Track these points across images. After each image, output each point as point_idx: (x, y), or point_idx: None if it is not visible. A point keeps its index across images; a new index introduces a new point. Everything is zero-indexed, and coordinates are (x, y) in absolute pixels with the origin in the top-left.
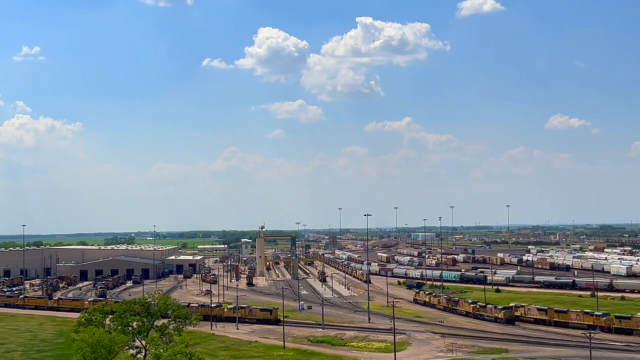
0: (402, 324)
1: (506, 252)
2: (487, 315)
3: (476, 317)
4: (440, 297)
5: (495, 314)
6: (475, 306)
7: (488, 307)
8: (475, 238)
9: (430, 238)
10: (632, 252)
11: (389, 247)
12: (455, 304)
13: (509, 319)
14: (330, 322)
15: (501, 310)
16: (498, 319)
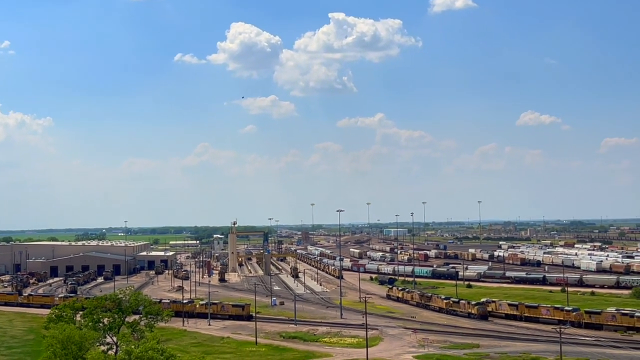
0: (374, 320)
1: (478, 248)
2: (460, 311)
3: (449, 312)
4: (414, 293)
5: (469, 310)
6: (449, 302)
7: (461, 303)
8: (447, 234)
9: (403, 234)
10: (602, 247)
11: (362, 242)
12: (429, 300)
13: (482, 314)
14: (302, 318)
15: (474, 305)
16: (471, 315)
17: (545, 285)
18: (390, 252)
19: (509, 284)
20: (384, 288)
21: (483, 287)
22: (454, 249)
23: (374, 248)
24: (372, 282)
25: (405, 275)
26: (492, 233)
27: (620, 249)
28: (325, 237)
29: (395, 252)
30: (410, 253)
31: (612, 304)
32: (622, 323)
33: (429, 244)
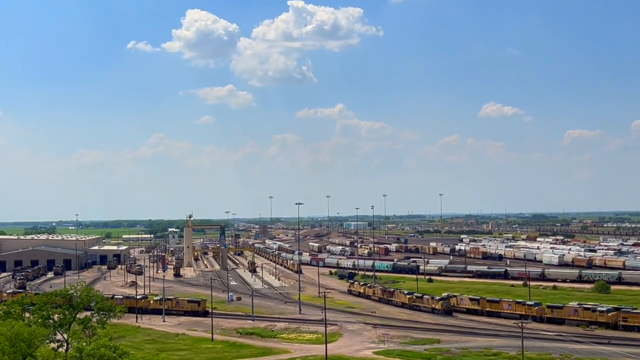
0: (333, 315)
1: (439, 242)
2: (423, 306)
3: (412, 308)
4: (375, 288)
5: (432, 305)
6: (412, 297)
7: (425, 298)
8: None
9: (363, 227)
10: (564, 241)
11: (321, 236)
12: (391, 295)
13: (446, 309)
14: (260, 313)
15: (438, 301)
16: (435, 310)
17: (507, 279)
18: (350, 246)
19: (471, 278)
20: (343, 283)
21: (444, 281)
22: (415, 242)
23: (333, 242)
24: (332, 276)
25: (366, 270)
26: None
27: (583, 243)
28: (284, 231)
29: (355, 246)
30: (371, 247)
31: (574, 298)
32: (584, 318)
33: (389, 238)
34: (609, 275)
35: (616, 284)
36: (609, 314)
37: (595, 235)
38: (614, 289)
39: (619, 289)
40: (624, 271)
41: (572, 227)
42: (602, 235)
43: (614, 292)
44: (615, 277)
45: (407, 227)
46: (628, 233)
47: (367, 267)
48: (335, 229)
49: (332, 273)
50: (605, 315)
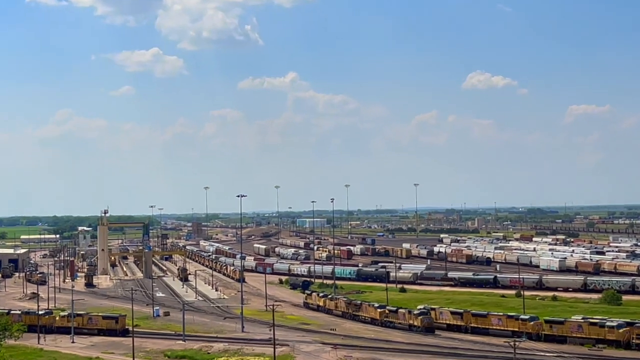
0: (284, 333)
1: (413, 242)
2: (398, 323)
3: (385, 324)
4: (339, 300)
5: (410, 321)
6: (384, 311)
7: (400, 313)
8: (376, 225)
9: (321, 225)
10: (566, 241)
11: (269, 236)
12: (358, 309)
13: (427, 326)
14: (193, 332)
15: (417, 316)
16: (413, 327)
17: (497, 288)
18: (304, 249)
19: (453, 287)
20: (297, 293)
21: (420, 291)
22: (384, 243)
23: (284, 243)
24: (282, 286)
25: (324, 277)
26: (431, 224)
27: (589, 243)
28: (223, 230)
29: (311, 249)
30: (330, 249)
31: (578, 311)
32: (590, 334)
33: (353, 238)
34: (621, 283)
35: (629, 294)
36: (621, 331)
37: (603, 234)
38: (626, 300)
39: (632, 299)
40: (638, 278)
41: (576, 224)
42: (612, 233)
43: (626, 303)
44: (627, 285)
45: (375, 224)
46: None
47: (325, 274)
48: (287, 228)
49: (282, 282)
50: (615, 331)
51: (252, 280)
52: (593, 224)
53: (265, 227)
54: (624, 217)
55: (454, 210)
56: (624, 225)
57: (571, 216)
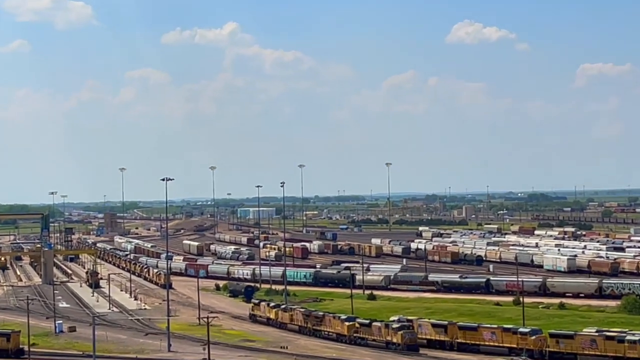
0: (222, 353)
1: (385, 237)
2: (373, 339)
3: (355, 341)
4: (295, 312)
5: (388, 337)
6: (353, 325)
7: (375, 327)
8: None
9: (268, 216)
10: (577, 235)
11: (203, 230)
12: (320, 322)
13: (409, 344)
14: (107, 352)
15: (397, 330)
16: (392, 345)
17: (490, 294)
18: (248, 246)
19: (434, 293)
20: (238, 302)
21: (394, 298)
22: (348, 238)
23: (222, 239)
24: (220, 293)
25: (272, 282)
26: (407, 213)
27: (605, 238)
28: (144, 223)
29: (256, 246)
30: (280, 246)
31: (592, 322)
32: (606, 352)
33: (309, 232)
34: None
35: None
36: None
37: (623, 225)
38: None
39: None
40: None
41: (589, 213)
42: (633, 225)
43: None
44: None
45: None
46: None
47: (274, 277)
48: (225, 219)
49: (219, 288)
50: (638, 347)
51: (181, 286)
52: (610, 212)
53: (197, 219)
54: None
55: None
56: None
57: (583, 203)
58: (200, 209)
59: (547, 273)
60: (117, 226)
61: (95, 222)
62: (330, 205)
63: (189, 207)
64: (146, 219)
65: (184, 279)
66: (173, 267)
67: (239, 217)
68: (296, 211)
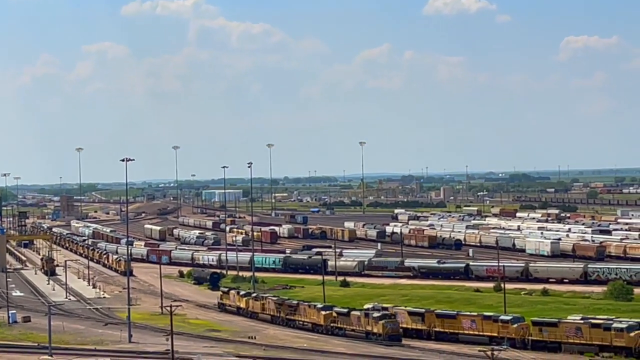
0: (186, 343)
1: (359, 220)
2: (352, 329)
3: (332, 331)
4: (267, 301)
5: (368, 327)
6: (330, 314)
7: (354, 316)
8: (309, 198)
9: (235, 198)
10: (561, 217)
11: (165, 214)
12: (293, 311)
13: (392, 334)
14: (64, 343)
15: (378, 320)
16: (372, 335)
17: (470, 280)
18: (213, 230)
19: (411, 279)
20: (203, 290)
21: (368, 285)
22: (319, 222)
23: (186, 223)
24: (184, 280)
25: (240, 268)
26: (382, 195)
27: (590, 220)
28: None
29: (222, 230)
30: (248, 231)
31: (577, 309)
32: (591, 340)
33: (279, 215)
34: (632, 272)
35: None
36: (632, 334)
37: (609, 206)
38: (638, 293)
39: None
40: None
41: (573, 194)
42: (620, 206)
43: (639, 297)
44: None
45: (308, 197)
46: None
47: (241, 264)
48: (189, 202)
49: (183, 274)
50: (625, 335)
51: (143, 272)
52: (596, 193)
53: (160, 202)
54: (637, 184)
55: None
56: (637, 195)
57: (567, 184)
58: (162, 191)
59: (530, 257)
60: (74, 210)
61: (51, 206)
62: (301, 187)
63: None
64: (105, 202)
65: (146, 266)
66: (134, 253)
67: (203, 200)
68: (264, 193)
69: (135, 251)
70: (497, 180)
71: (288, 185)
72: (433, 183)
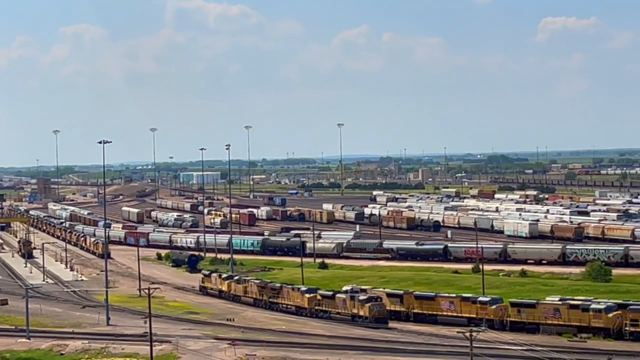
0: (165, 326)
1: (337, 202)
2: (337, 312)
3: (316, 314)
4: (250, 283)
5: (354, 310)
6: (314, 297)
7: (339, 299)
8: (287, 180)
9: (213, 180)
10: (539, 198)
11: (143, 196)
12: (277, 294)
13: (379, 316)
14: (41, 326)
15: (364, 303)
16: (358, 318)
17: (448, 261)
18: (191, 212)
19: (389, 261)
20: (181, 272)
21: (347, 266)
22: (298, 204)
23: (164, 206)
24: (162, 262)
25: (218, 251)
26: (361, 177)
27: (569, 201)
28: (80, 189)
29: (200, 212)
30: (226, 213)
31: (555, 290)
32: (570, 321)
33: (257, 197)
34: (610, 253)
35: (621, 266)
36: (610, 315)
37: (587, 188)
38: (616, 274)
39: (624, 273)
40: (632, 245)
41: (552, 175)
42: (598, 187)
43: (617, 278)
44: (619, 256)
45: (286, 179)
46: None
47: (220, 246)
48: (167, 184)
49: (161, 257)
50: (603, 316)
51: (121, 255)
52: (574, 175)
53: (137, 184)
54: (614, 165)
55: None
56: (614, 176)
57: (545, 165)
58: (140, 174)
59: (508, 239)
60: (51, 192)
61: (28, 188)
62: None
63: (128, 172)
64: (82, 185)
65: (124, 248)
66: (111, 235)
67: (181, 182)
68: (243, 175)
69: (113, 234)
70: (475, 161)
71: (266, 168)
72: (411, 165)
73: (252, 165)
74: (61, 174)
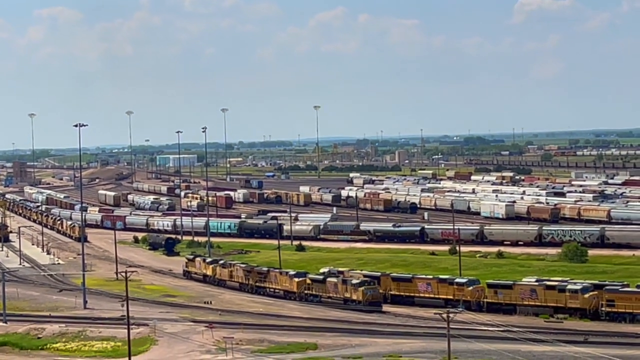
0: (142, 309)
1: (314, 185)
2: (328, 296)
3: (306, 299)
4: (235, 267)
5: (347, 294)
6: (304, 281)
7: (330, 283)
8: (264, 162)
9: (190, 163)
10: (515, 180)
11: (120, 179)
12: (263, 279)
13: (373, 300)
14: (18, 309)
15: (357, 287)
16: (352, 302)
17: (425, 243)
18: (168, 195)
19: (366, 243)
20: (158, 255)
21: (324, 249)
22: (275, 186)
23: (140, 189)
24: (139, 245)
25: (195, 234)
26: (337, 159)
27: (545, 182)
28: (57, 172)
29: (177, 195)
30: (203, 196)
31: (531, 271)
32: (546, 302)
33: (233, 180)
34: (586, 233)
35: (597, 247)
36: (586, 296)
37: (564, 169)
38: (592, 255)
39: (600, 254)
40: (608, 226)
41: (528, 157)
42: (574, 168)
43: (593, 259)
44: (595, 236)
45: (263, 161)
46: (615, 165)
47: (197, 229)
48: (144, 168)
49: (138, 240)
50: (580, 297)
51: (97, 238)
52: (550, 156)
53: (114, 168)
54: (590, 146)
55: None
56: (590, 157)
57: (521, 146)
58: (116, 157)
59: (485, 220)
60: (27, 176)
61: (4, 172)
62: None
63: (104, 155)
64: (58, 168)
65: (100, 232)
66: (88, 218)
67: (158, 165)
68: (219, 158)
69: (90, 217)
70: (451, 143)
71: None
72: (388, 147)
73: (229, 147)
74: (37, 157)
